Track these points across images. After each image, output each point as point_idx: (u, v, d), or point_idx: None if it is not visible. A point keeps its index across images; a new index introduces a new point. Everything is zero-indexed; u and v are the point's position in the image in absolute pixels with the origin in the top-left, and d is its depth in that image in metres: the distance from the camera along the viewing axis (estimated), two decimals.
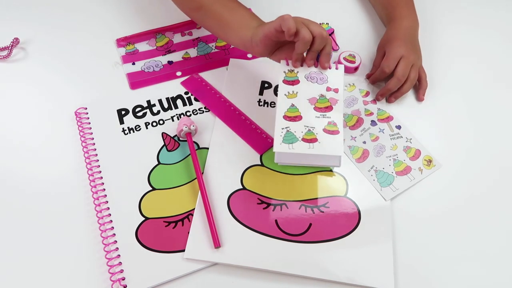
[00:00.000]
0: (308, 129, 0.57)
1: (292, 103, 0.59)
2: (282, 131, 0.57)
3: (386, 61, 0.69)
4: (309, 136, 0.57)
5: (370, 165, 0.63)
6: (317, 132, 0.57)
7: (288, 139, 0.56)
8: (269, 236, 0.57)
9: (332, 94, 0.59)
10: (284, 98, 0.59)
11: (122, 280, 0.53)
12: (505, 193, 0.63)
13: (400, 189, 0.61)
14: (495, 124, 0.70)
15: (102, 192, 0.60)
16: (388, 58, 0.69)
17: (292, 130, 0.57)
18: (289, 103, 0.59)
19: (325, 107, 0.58)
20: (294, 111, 0.58)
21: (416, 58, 0.70)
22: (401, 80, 0.68)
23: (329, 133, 0.57)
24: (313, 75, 0.60)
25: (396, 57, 0.68)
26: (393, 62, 0.68)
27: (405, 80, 0.68)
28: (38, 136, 0.66)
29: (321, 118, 0.58)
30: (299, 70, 0.60)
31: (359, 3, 0.86)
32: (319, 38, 0.56)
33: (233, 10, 0.65)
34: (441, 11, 0.85)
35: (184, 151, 0.64)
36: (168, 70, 0.74)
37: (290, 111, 0.58)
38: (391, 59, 0.68)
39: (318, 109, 0.58)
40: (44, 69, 0.73)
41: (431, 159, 0.64)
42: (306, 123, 0.57)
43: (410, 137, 0.67)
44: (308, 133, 0.57)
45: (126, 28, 0.79)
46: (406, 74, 0.68)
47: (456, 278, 0.56)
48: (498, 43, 0.80)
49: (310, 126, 0.57)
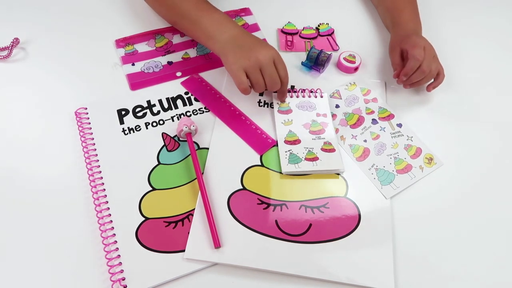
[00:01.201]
0: (308, 150, 0.64)
1: (290, 129, 0.66)
2: (286, 154, 0.63)
3: (413, 49, 0.66)
4: (311, 156, 0.63)
5: (370, 164, 0.64)
6: (316, 151, 0.64)
7: (293, 160, 0.63)
8: (269, 237, 0.57)
9: (322, 119, 0.67)
10: (282, 126, 0.67)
11: (122, 280, 0.53)
12: (506, 191, 0.63)
13: (401, 187, 0.61)
14: (497, 122, 0.70)
15: (102, 192, 0.60)
16: (414, 47, 0.66)
17: (294, 152, 0.64)
18: (287, 130, 0.66)
19: (318, 130, 0.66)
20: (293, 136, 0.65)
21: (434, 51, 0.69)
22: (425, 71, 0.66)
23: (326, 151, 0.64)
24: (303, 104, 0.69)
25: (421, 45, 0.67)
26: (420, 50, 0.66)
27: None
28: (38, 136, 0.66)
29: (317, 139, 0.65)
30: (290, 101, 0.69)
31: (359, 3, 0.86)
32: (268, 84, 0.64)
33: (203, 16, 0.67)
34: (442, 13, 0.85)
35: (184, 151, 0.64)
36: (168, 71, 0.74)
37: (289, 136, 0.65)
38: (418, 47, 0.66)
39: (313, 132, 0.66)
40: (44, 69, 0.73)
41: (432, 157, 0.64)
42: (305, 145, 0.64)
43: (411, 135, 0.67)
44: (309, 153, 0.63)
45: (126, 29, 0.79)
46: (430, 66, 0.67)
47: (456, 278, 0.56)
48: (500, 43, 0.80)
49: (309, 147, 0.64)
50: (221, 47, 0.65)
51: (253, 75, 0.63)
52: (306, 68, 0.75)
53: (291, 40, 0.79)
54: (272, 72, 0.63)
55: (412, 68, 0.66)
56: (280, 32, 0.80)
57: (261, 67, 0.63)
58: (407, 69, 0.67)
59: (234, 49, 0.64)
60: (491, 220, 0.60)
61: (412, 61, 0.66)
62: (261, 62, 0.62)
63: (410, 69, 0.67)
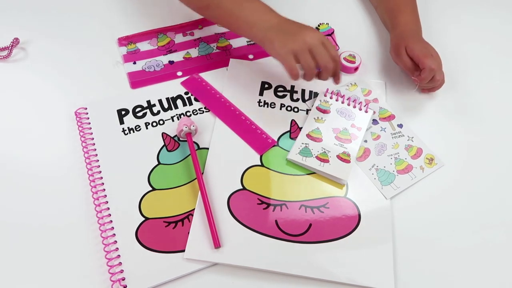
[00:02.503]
0: (324, 151, 0.64)
1: (318, 127, 0.66)
2: (301, 145, 0.64)
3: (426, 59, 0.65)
4: (323, 156, 0.63)
5: (371, 164, 0.63)
6: (331, 155, 0.63)
7: (304, 152, 0.63)
8: (269, 237, 0.57)
9: (355, 131, 0.66)
10: (313, 121, 0.67)
11: (122, 280, 0.53)
12: (507, 192, 0.63)
13: (401, 187, 0.61)
14: (498, 123, 0.70)
15: (102, 192, 0.60)
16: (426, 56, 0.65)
17: (310, 147, 0.64)
18: (316, 126, 0.66)
19: (345, 138, 0.65)
20: (317, 133, 0.65)
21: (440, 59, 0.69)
22: (438, 80, 0.67)
23: (341, 160, 0.63)
24: (343, 111, 0.68)
25: (430, 54, 0.66)
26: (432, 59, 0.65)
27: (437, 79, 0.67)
28: (38, 136, 0.66)
29: (338, 146, 0.64)
30: (332, 103, 0.69)
31: (359, 3, 0.86)
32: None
33: (242, 5, 0.64)
34: (443, 13, 0.85)
35: (184, 151, 0.64)
36: (169, 70, 0.74)
37: (314, 132, 0.66)
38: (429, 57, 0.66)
39: (339, 138, 0.65)
40: (44, 69, 0.73)
41: (432, 157, 0.64)
42: (324, 146, 0.64)
43: (412, 135, 0.67)
44: (323, 154, 0.63)
45: (128, 27, 0.79)
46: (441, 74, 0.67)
47: (457, 278, 0.56)
48: (501, 43, 0.80)
49: (327, 149, 0.64)
50: (265, 34, 0.62)
51: (303, 58, 0.59)
52: None
53: None
54: (322, 52, 0.60)
55: (427, 78, 0.66)
56: None
57: (311, 49, 0.59)
58: (421, 80, 0.67)
59: (278, 34, 0.60)
60: (492, 220, 0.60)
61: (427, 72, 0.65)
62: (309, 44, 0.59)
63: (424, 80, 0.67)
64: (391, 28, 0.75)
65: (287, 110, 0.69)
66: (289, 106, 0.70)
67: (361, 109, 0.68)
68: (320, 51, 0.59)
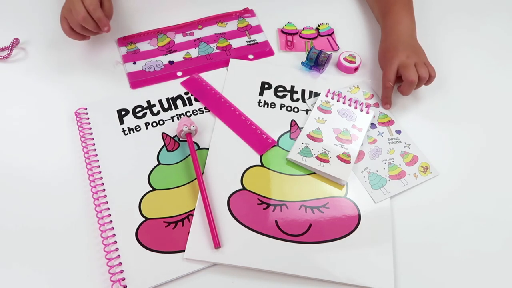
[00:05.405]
0: (324, 151, 0.64)
1: (319, 127, 0.66)
2: (301, 145, 0.64)
3: (406, 71, 0.66)
4: (323, 157, 0.63)
5: (363, 167, 0.63)
6: (331, 156, 0.63)
7: (304, 152, 0.63)
8: (269, 237, 0.57)
9: (356, 132, 0.66)
10: (314, 121, 0.67)
11: (122, 280, 0.53)
12: (504, 198, 0.63)
13: (392, 192, 0.61)
14: (497, 134, 0.69)
15: (102, 192, 0.60)
16: (406, 68, 0.67)
17: (310, 147, 0.64)
18: (316, 126, 0.66)
19: (346, 139, 0.65)
20: (318, 134, 0.66)
21: (417, 57, 0.69)
22: (411, 83, 0.66)
23: (341, 160, 0.63)
24: (344, 111, 0.68)
25: (411, 64, 0.67)
26: (413, 70, 0.66)
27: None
28: (38, 136, 0.66)
29: (339, 146, 0.64)
30: (334, 103, 0.69)
31: (359, 4, 0.86)
32: None
33: None
34: (440, 14, 0.85)
35: (184, 151, 0.64)
36: (168, 70, 0.74)
37: (315, 133, 0.66)
38: (410, 68, 0.66)
39: (339, 139, 0.65)
40: (44, 69, 0.73)
41: (428, 166, 0.64)
42: (324, 146, 0.64)
43: (409, 142, 0.66)
44: (323, 154, 0.63)
45: (128, 27, 0.79)
46: (414, 75, 0.66)
47: (456, 279, 0.56)
48: (499, 49, 0.80)
49: (327, 150, 0.64)
50: None
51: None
52: (306, 68, 0.75)
53: (291, 40, 0.79)
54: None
55: (407, 91, 0.68)
56: (280, 32, 0.80)
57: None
58: (402, 92, 0.69)
59: None
60: (489, 223, 0.60)
61: (407, 85, 0.67)
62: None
63: (405, 92, 0.68)
64: (382, 29, 0.76)
65: (287, 110, 0.69)
66: (289, 106, 0.70)
67: (362, 110, 0.68)
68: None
